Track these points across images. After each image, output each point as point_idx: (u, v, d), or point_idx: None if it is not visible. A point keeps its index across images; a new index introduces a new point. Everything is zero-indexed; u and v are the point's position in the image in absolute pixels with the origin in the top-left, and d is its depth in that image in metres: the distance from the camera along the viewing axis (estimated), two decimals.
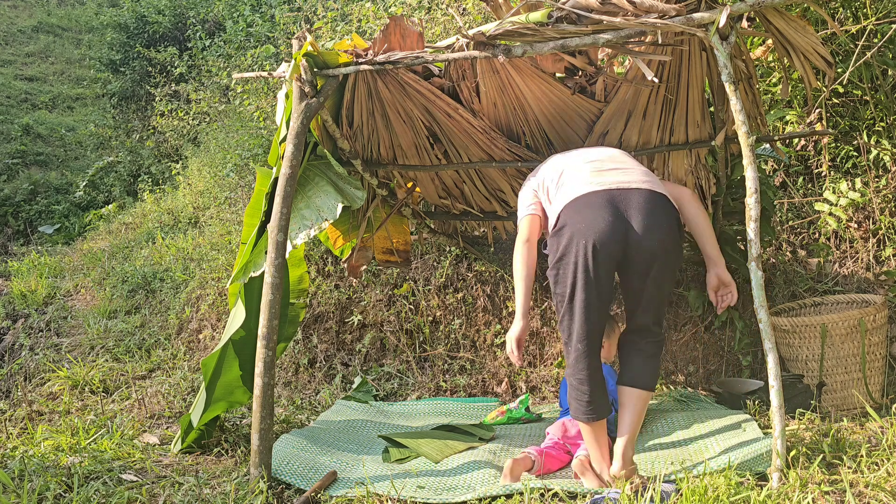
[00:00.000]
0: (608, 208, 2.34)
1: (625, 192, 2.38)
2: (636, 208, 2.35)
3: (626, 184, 2.41)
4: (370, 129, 3.41)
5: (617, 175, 2.46)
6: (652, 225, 2.33)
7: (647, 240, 2.32)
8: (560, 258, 2.37)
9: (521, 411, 3.46)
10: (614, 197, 2.37)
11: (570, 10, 2.43)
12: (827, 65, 2.61)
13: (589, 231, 2.31)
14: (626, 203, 2.36)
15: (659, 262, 2.36)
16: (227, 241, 5.43)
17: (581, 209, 2.37)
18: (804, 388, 3.12)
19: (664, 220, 2.37)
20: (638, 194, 2.38)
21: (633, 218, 2.34)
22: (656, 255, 2.35)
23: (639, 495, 2.19)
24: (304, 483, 2.61)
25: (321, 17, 6.04)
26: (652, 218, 2.34)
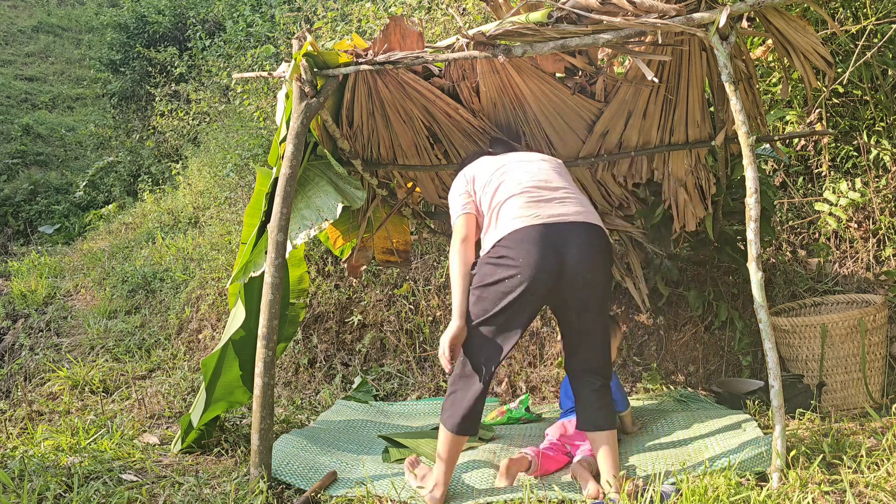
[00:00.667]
0: (544, 244, 2.33)
1: (561, 227, 2.38)
2: (573, 244, 2.36)
3: (563, 217, 2.40)
4: (370, 129, 3.41)
5: (554, 207, 2.43)
6: (588, 261, 2.36)
7: (584, 275, 2.35)
8: (488, 284, 2.37)
9: (521, 411, 3.46)
10: (551, 232, 2.36)
11: (570, 10, 2.43)
12: (827, 65, 2.61)
13: (524, 267, 2.31)
14: (563, 238, 2.36)
15: (594, 296, 2.39)
16: (227, 241, 5.43)
17: (519, 244, 2.35)
18: (804, 388, 3.12)
19: (600, 256, 2.40)
20: (575, 230, 2.38)
21: (570, 255, 2.34)
22: (591, 292, 2.38)
23: (639, 496, 2.19)
24: (304, 483, 2.61)
25: (321, 17, 6.04)
26: (588, 255, 2.36)
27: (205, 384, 3.06)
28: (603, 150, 3.31)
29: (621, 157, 3.30)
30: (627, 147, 3.26)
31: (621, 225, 3.71)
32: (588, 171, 3.50)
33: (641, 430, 3.10)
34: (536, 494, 2.32)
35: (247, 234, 3.20)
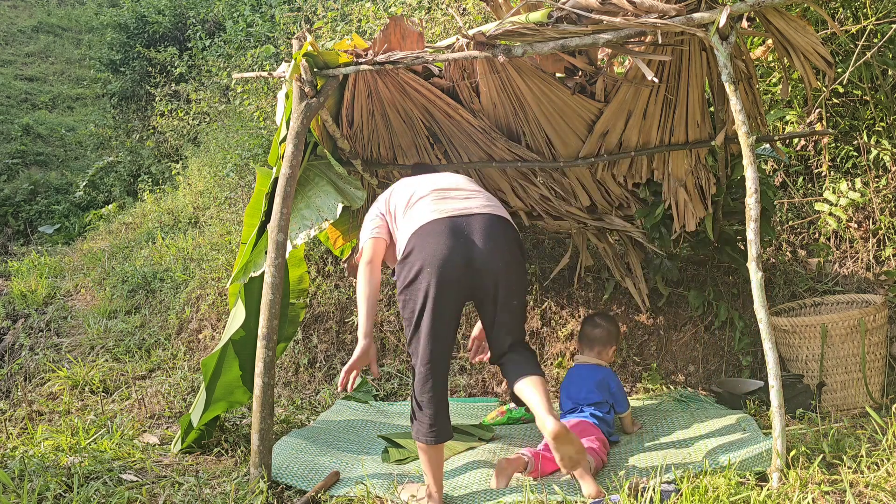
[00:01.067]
0: (451, 235, 2.41)
1: (466, 218, 2.47)
2: (477, 233, 2.43)
3: (467, 210, 2.50)
4: (370, 129, 3.41)
5: (459, 202, 2.54)
6: (494, 248, 2.42)
7: (491, 262, 2.41)
8: (408, 285, 2.43)
9: (521, 411, 3.46)
10: (456, 223, 2.44)
11: (570, 10, 2.43)
12: (827, 65, 2.61)
13: (434, 259, 2.37)
14: (468, 229, 2.44)
15: (504, 283, 2.45)
16: (227, 241, 5.43)
17: (426, 237, 2.43)
18: (804, 388, 3.12)
19: (505, 242, 2.46)
20: (479, 219, 2.47)
21: (476, 242, 2.41)
22: (500, 277, 2.43)
23: (639, 496, 2.19)
24: (304, 484, 2.61)
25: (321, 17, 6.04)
26: (493, 241, 2.43)
27: (205, 384, 3.06)
28: (603, 150, 3.31)
29: (621, 157, 3.30)
30: (627, 147, 3.26)
31: (621, 225, 3.71)
32: (588, 171, 3.50)
33: (641, 430, 3.10)
34: (536, 495, 2.32)
35: (247, 234, 3.20)
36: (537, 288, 4.24)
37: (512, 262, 2.47)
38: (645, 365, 3.93)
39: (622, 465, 2.62)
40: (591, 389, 2.93)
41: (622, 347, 3.99)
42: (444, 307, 2.40)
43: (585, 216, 3.75)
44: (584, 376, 3.01)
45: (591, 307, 4.14)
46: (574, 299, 4.18)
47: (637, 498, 2.19)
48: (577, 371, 3.07)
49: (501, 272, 2.44)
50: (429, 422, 2.41)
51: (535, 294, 4.23)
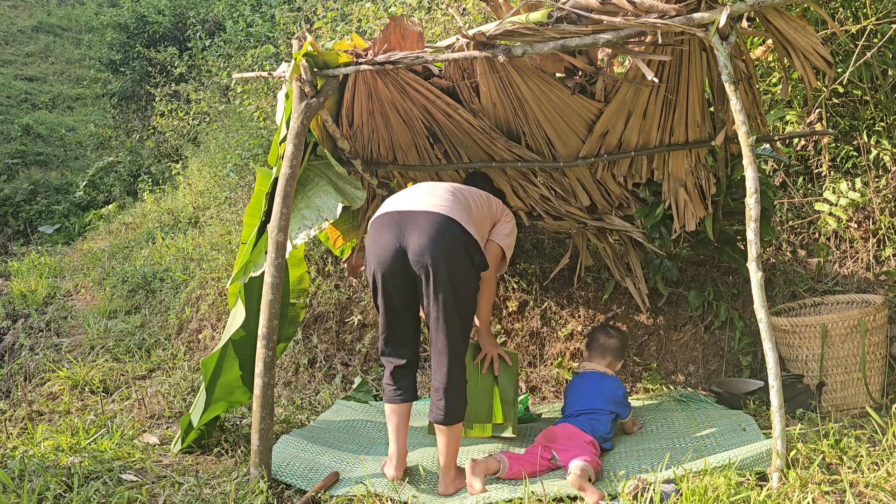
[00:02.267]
0: (391, 230, 2.56)
1: (410, 214, 2.56)
2: (414, 227, 2.52)
3: (414, 207, 2.59)
4: (370, 129, 3.41)
5: (412, 201, 2.62)
6: (426, 242, 2.48)
7: (421, 256, 2.48)
8: (365, 269, 2.72)
9: (521, 411, 3.46)
10: (400, 219, 2.57)
11: (570, 10, 2.43)
12: (827, 65, 2.61)
13: (374, 249, 2.58)
14: (407, 223, 2.54)
15: (437, 279, 2.48)
16: (227, 241, 5.43)
17: (372, 230, 2.64)
18: (804, 388, 3.12)
19: (440, 238, 2.48)
20: (421, 216, 2.55)
21: (410, 237, 2.51)
22: (430, 272, 2.48)
23: (639, 496, 2.19)
24: (304, 484, 2.61)
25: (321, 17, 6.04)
26: (427, 236, 2.48)
27: (205, 384, 3.06)
28: (603, 150, 3.31)
29: (621, 157, 3.30)
30: (627, 147, 3.26)
31: (621, 225, 3.71)
32: (588, 171, 3.50)
33: (641, 430, 3.10)
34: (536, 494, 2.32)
35: (247, 234, 3.20)
36: (537, 288, 4.24)
37: (443, 259, 2.47)
38: (645, 365, 3.93)
39: (622, 465, 2.62)
40: (599, 399, 2.92)
41: None
42: (387, 291, 2.58)
43: (585, 216, 3.75)
44: (595, 385, 2.98)
45: (591, 307, 4.14)
46: (574, 299, 4.18)
47: (637, 498, 2.19)
48: (588, 379, 3.04)
49: (432, 267, 2.47)
50: (388, 382, 2.71)
51: (535, 294, 4.23)
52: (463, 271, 2.52)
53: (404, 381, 2.71)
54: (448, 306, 2.50)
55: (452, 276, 2.48)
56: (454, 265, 2.49)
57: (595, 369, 3.08)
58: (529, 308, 4.23)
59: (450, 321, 2.51)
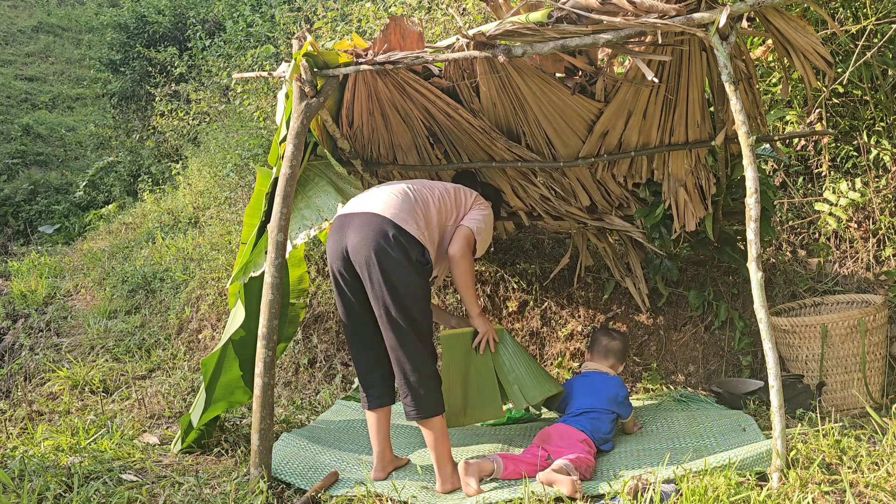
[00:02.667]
0: (337, 231, 2.66)
1: (351, 217, 2.65)
2: (350, 229, 2.61)
3: (356, 209, 2.66)
4: (370, 129, 3.41)
5: (359, 203, 2.69)
6: (358, 244, 2.56)
7: (357, 256, 2.56)
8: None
9: (521, 411, 3.46)
10: (344, 221, 2.66)
11: (570, 10, 2.43)
12: (827, 65, 2.61)
13: (329, 253, 2.69)
14: (348, 226, 2.63)
15: (372, 278, 2.54)
16: (227, 241, 5.43)
17: (329, 233, 2.73)
18: (804, 388, 3.12)
19: (370, 238, 2.54)
20: (358, 217, 2.63)
21: (348, 238, 2.60)
22: (366, 272, 2.55)
23: (639, 496, 2.19)
24: (304, 483, 2.61)
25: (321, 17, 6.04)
26: (360, 237, 2.56)
27: (205, 384, 3.06)
28: (603, 150, 3.31)
29: (621, 157, 3.30)
30: (627, 147, 3.26)
31: (621, 225, 3.71)
32: (588, 171, 3.50)
33: (641, 430, 3.10)
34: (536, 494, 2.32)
35: (247, 234, 3.20)
36: (537, 288, 4.24)
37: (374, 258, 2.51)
38: (645, 365, 3.93)
39: (622, 465, 2.62)
40: (601, 399, 2.91)
41: None
42: (343, 293, 2.68)
43: (585, 216, 3.75)
44: (597, 385, 2.98)
45: (591, 307, 4.14)
46: (574, 299, 4.18)
47: (637, 498, 2.19)
48: (590, 378, 3.04)
49: (365, 266, 2.54)
50: (360, 387, 2.78)
51: (535, 294, 4.23)
52: (397, 268, 2.54)
53: (375, 387, 2.74)
54: (387, 304, 2.54)
55: (387, 274, 2.52)
56: (386, 263, 2.52)
57: (597, 369, 3.08)
58: (529, 308, 4.23)
59: (392, 319, 2.55)
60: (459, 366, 2.95)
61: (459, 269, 2.79)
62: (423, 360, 2.59)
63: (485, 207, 2.94)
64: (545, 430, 2.79)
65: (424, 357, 2.60)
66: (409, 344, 2.56)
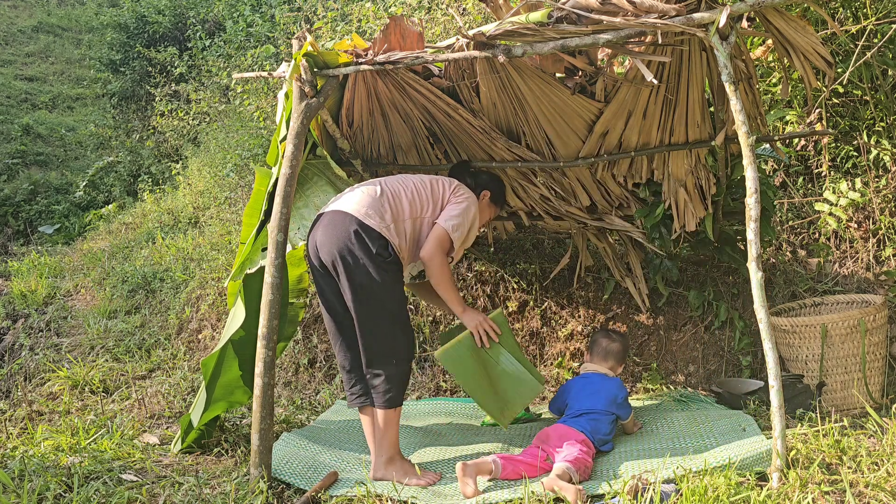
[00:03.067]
0: (311, 230, 2.74)
1: (323, 215, 2.72)
2: (318, 228, 2.69)
3: (329, 208, 2.73)
4: (370, 129, 3.41)
5: (332, 204, 2.75)
6: (323, 241, 2.64)
7: (321, 254, 2.65)
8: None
9: (521, 411, 3.46)
10: (316, 221, 2.74)
11: (570, 10, 2.43)
12: (827, 65, 2.61)
13: (307, 251, 2.77)
14: (318, 224, 2.71)
15: (338, 273, 2.61)
16: (227, 241, 5.43)
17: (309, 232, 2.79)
18: (804, 388, 3.12)
19: (331, 234, 2.61)
20: (324, 216, 2.70)
21: (317, 234, 2.68)
22: (332, 268, 2.62)
23: (639, 496, 2.19)
24: (304, 483, 2.61)
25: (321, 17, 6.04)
26: (323, 234, 2.64)
27: (205, 383, 3.06)
28: (603, 150, 3.31)
29: (621, 157, 3.30)
30: (627, 147, 3.26)
31: (621, 225, 3.71)
32: (588, 171, 3.50)
33: (641, 430, 3.10)
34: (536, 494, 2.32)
35: (246, 234, 3.20)
36: (537, 288, 4.24)
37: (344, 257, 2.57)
38: (645, 365, 3.93)
39: (622, 466, 2.62)
40: (601, 401, 2.90)
41: None
42: (320, 290, 2.74)
43: (585, 216, 3.75)
44: (597, 387, 2.97)
45: (591, 307, 4.14)
46: (574, 299, 4.18)
47: (637, 498, 2.19)
48: (589, 380, 3.02)
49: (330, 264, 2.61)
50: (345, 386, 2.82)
51: (535, 294, 4.23)
52: (360, 263, 2.57)
53: (357, 384, 2.78)
54: (353, 299, 2.60)
55: (350, 269, 2.57)
56: (349, 258, 2.57)
57: (597, 370, 3.08)
58: (529, 308, 4.23)
59: (358, 312, 2.60)
60: (474, 370, 2.80)
61: (430, 270, 2.74)
62: (387, 354, 2.64)
63: (463, 200, 2.82)
64: (544, 431, 2.79)
65: (393, 350, 2.64)
66: (375, 337, 2.63)
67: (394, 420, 2.68)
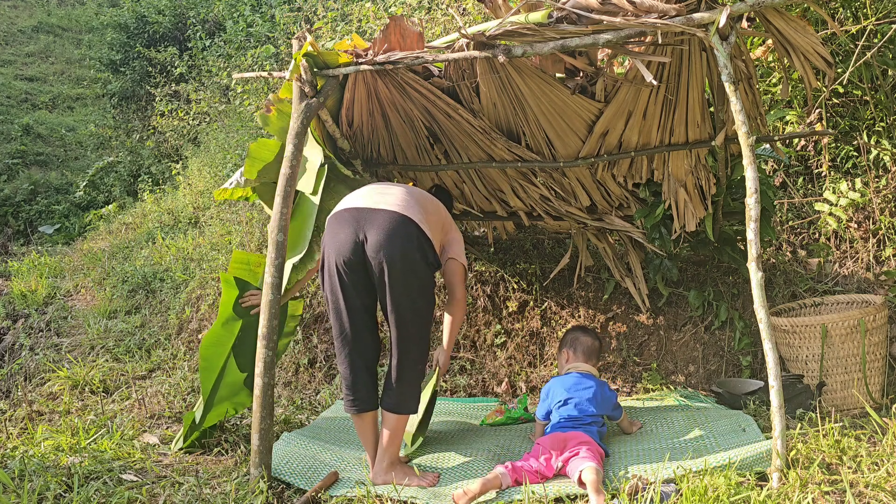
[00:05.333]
0: (350, 225, 2.60)
1: (370, 212, 2.62)
2: (372, 225, 2.58)
3: (375, 205, 2.64)
4: (370, 129, 3.41)
5: (373, 199, 2.67)
6: (382, 240, 2.54)
7: (378, 254, 2.54)
8: (321, 268, 2.68)
9: (520, 411, 3.46)
10: (359, 215, 2.62)
11: (570, 10, 2.43)
12: (827, 65, 2.61)
13: (333, 245, 2.60)
14: (366, 221, 2.60)
15: (391, 277, 2.54)
16: (227, 241, 5.43)
17: (332, 225, 2.66)
18: (804, 388, 3.12)
19: (397, 238, 2.56)
20: (380, 214, 2.61)
21: (369, 234, 2.57)
22: (385, 270, 2.54)
23: (639, 496, 2.19)
24: (304, 483, 2.61)
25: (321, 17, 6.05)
26: (384, 234, 2.55)
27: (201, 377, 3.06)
28: (603, 150, 3.31)
29: (621, 158, 3.30)
30: (627, 147, 3.26)
31: (621, 225, 3.71)
32: (588, 171, 3.50)
33: (641, 430, 3.09)
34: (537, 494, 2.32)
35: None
36: (537, 288, 4.24)
37: (398, 257, 2.53)
38: (645, 365, 3.93)
39: (622, 466, 2.62)
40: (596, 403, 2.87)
41: (622, 348, 3.99)
42: (344, 287, 2.59)
43: (585, 216, 3.75)
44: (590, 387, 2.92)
45: (591, 307, 4.14)
46: (574, 299, 4.18)
47: (637, 498, 2.19)
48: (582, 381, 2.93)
49: (387, 265, 2.53)
50: (345, 391, 2.70)
51: (536, 294, 4.23)
52: (417, 269, 2.58)
53: (364, 389, 2.70)
54: (402, 302, 2.57)
55: (406, 272, 2.55)
56: (408, 261, 2.55)
57: (590, 372, 3.03)
58: (529, 308, 4.23)
59: (403, 315, 2.58)
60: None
61: (461, 308, 2.95)
62: (420, 359, 2.65)
63: (457, 229, 3.04)
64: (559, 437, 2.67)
65: (422, 355, 2.66)
66: (413, 340, 2.62)
67: (404, 426, 2.68)
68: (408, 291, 2.56)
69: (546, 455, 2.58)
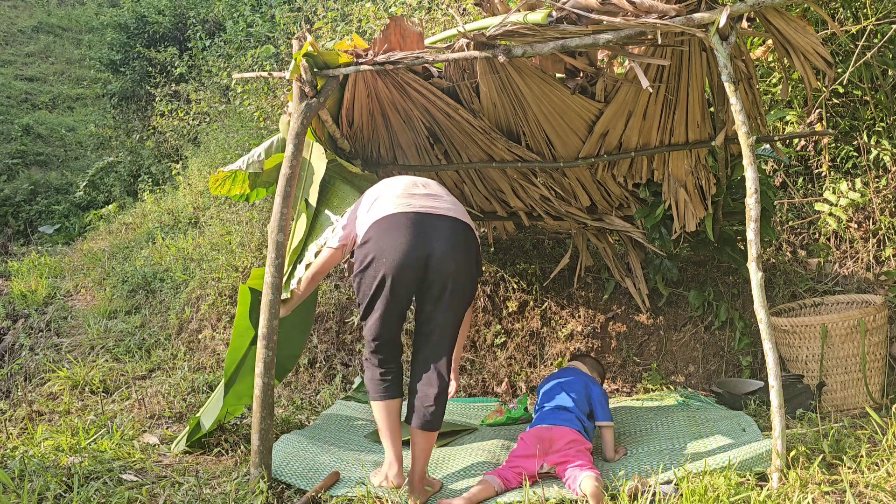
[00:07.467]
0: (412, 230, 2.44)
1: (431, 217, 2.49)
2: (439, 234, 2.46)
3: (433, 209, 2.51)
4: (370, 129, 3.41)
5: (425, 200, 2.54)
6: (452, 252, 2.44)
7: (446, 265, 2.43)
8: (364, 269, 2.48)
9: (520, 411, 3.46)
10: (420, 220, 2.47)
11: (570, 10, 2.43)
12: (827, 65, 2.61)
13: (391, 250, 2.42)
14: (430, 227, 2.46)
15: (452, 289, 2.46)
16: (227, 241, 5.43)
17: (387, 228, 2.46)
18: (804, 388, 3.12)
19: (463, 249, 2.48)
20: (443, 221, 2.49)
21: (436, 243, 2.44)
22: (449, 282, 2.45)
23: (638, 496, 2.19)
24: (304, 483, 2.61)
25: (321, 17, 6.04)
26: (453, 245, 2.45)
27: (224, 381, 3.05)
28: (603, 151, 3.31)
29: (621, 158, 3.30)
30: (627, 147, 3.26)
31: (621, 225, 3.71)
32: (588, 172, 3.50)
33: (641, 431, 3.08)
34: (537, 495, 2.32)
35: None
36: (537, 288, 4.24)
37: (464, 270, 2.48)
38: (645, 365, 3.93)
39: (622, 466, 2.62)
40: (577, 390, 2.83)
41: (622, 348, 3.99)
42: (395, 297, 2.46)
43: (585, 216, 3.75)
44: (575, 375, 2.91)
45: (591, 307, 4.14)
46: (574, 299, 4.18)
47: (637, 498, 2.19)
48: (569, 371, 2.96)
49: (452, 276, 2.45)
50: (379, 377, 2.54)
51: (536, 294, 4.23)
52: (474, 279, 2.56)
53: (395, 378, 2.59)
54: (457, 314, 2.51)
55: (466, 285, 2.50)
56: (471, 274, 2.52)
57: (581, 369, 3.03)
58: (529, 308, 4.23)
59: (449, 323, 2.51)
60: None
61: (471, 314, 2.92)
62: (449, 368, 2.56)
63: None
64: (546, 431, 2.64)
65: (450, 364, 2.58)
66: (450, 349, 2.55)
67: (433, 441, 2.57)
68: (461, 306, 2.52)
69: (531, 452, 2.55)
